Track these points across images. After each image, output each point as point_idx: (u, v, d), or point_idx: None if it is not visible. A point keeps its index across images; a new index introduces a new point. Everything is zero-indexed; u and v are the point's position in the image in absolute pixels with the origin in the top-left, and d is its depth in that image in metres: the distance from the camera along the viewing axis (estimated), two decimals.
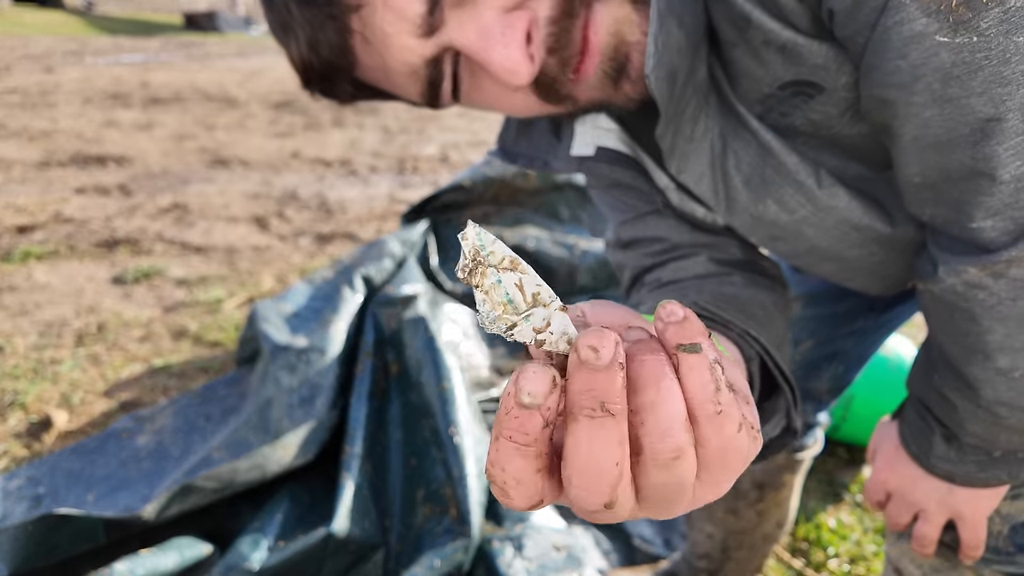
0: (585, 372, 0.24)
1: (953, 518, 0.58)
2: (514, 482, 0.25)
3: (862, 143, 0.47)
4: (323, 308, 1.54)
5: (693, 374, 0.25)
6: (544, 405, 0.24)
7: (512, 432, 0.24)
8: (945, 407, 0.52)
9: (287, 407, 1.28)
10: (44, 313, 1.91)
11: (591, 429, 0.24)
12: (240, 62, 8.91)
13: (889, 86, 0.38)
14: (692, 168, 0.51)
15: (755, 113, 0.48)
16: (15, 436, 1.42)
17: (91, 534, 0.98)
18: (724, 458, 0.26)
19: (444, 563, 0.97)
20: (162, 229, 2.60)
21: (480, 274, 0.25)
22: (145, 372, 1.65)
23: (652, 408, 0.25)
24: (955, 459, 0.53)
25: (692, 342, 0.25)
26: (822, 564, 1.17)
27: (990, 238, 0.41)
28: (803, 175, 0.48)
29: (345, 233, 2.64)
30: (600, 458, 0.24)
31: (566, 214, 2.16)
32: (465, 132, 4.67)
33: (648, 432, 0.25)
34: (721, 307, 0.47)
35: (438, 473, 1.12)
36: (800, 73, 0.43)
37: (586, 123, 0.55)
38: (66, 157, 3.63)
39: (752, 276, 0.57)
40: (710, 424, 0.25)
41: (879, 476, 0.61)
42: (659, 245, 0.60)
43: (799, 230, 0.51)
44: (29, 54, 9.03)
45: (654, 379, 0.25)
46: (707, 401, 0.25)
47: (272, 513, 1.07)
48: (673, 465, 0.25)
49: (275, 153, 3.92)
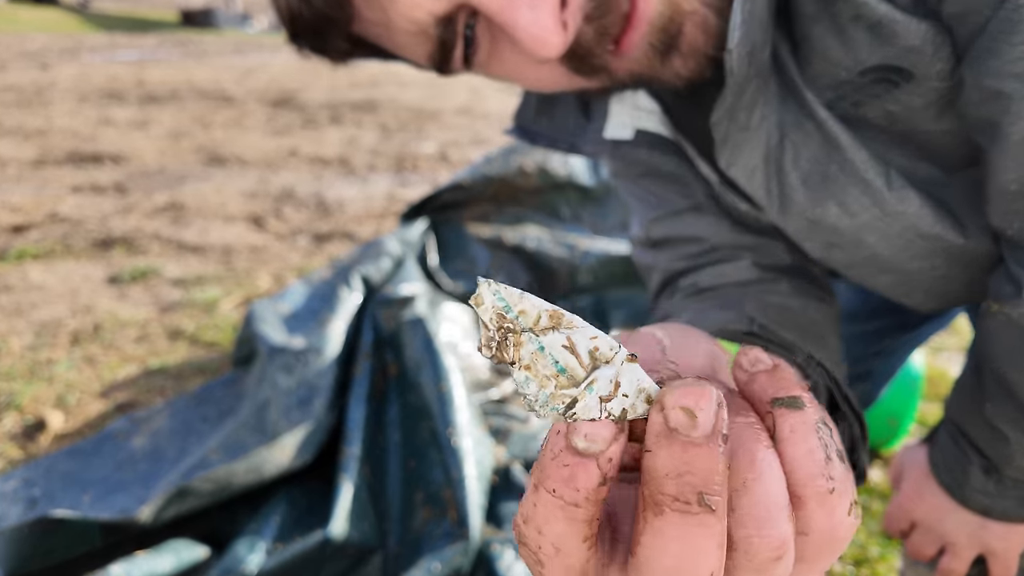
0: (677, 447, 0.17)
1: (984, 553, 0.54)
2: (552, 550, 0.19)
3: (941, 141, 0.41)
4: (321, 308, 1.54)
5: (796, 439, 0.19)
6: (606, 455, 0.18)
7: (558, 485, 0.18)
8: (994, 439, 0.48)
9: (284, 408, 1.27)
10: (39, 313, 1.89)
11: (684, 528, 0.18)
12: (237, 59, 8.88)
13: (1009, 76, 0.33)
14: (744, 161, 0.44)
15: (823, 101, 0.42)
16: (10, 437, 1.41)
17: (87, 537, 0.98)
18: (831, 547, 0.20)
19: (443, 566, 0.97)
20: (158, 228, 2.59)
21: (513, 345, 0.19)
22: (141, 373, 1.64)
23: (747, 489, 0.19)
24: (994, 492, 0.49)
25: (791, 395, 0.20)
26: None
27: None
28: (872, 174, 0.42)
29: (343, 232, 2.63)
30: (693, 568, 0.18)
31: (567, 213, 2.16)
32: (465, 130, 4.65)
33: (741, 522, 0.19)
34: (783, 324, 0.41)
35: (437, 475, 1.11)
36: (888, 56, 0.37)
37: (624, 102, 0.48)
38: (61, 155, 3.61)
39: (800, 284, 0.51)
40: (821, 507, 0.19)
41: (905, 504, 0.56)
42: (696, 246, 0.53)
43: (859, 237, 0.45)
44: (24, 51, 8.98)
45: (747, 450, 0.19)
46: (817, 476, 0.19)
47: (269, 516, 1.07)
48: (772, 568, 0.19)
49: (272, 151, 3.90)
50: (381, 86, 6.51)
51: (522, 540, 0.20)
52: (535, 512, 0.19)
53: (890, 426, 1.32)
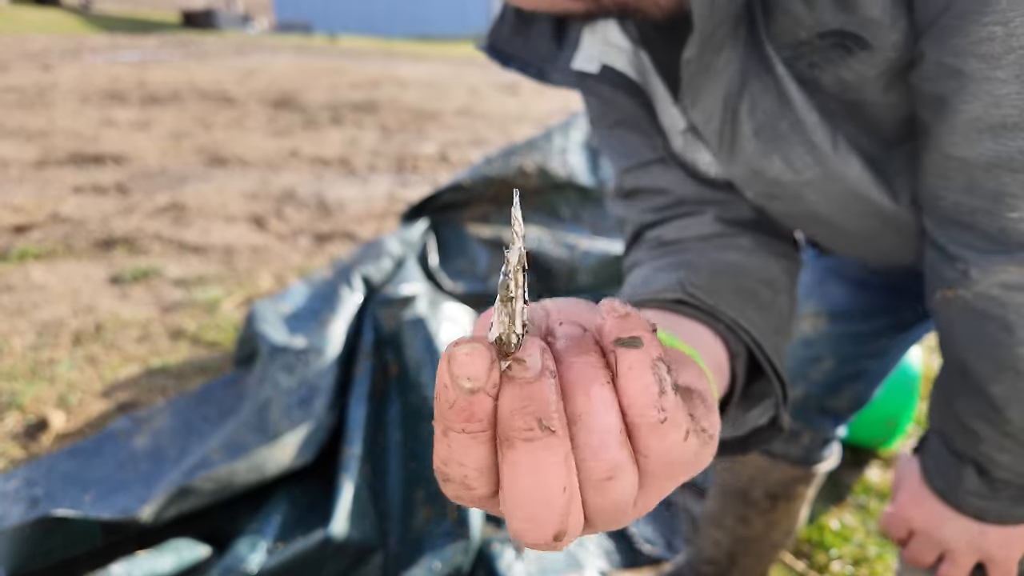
0: (516, 387, 0.21)
1: (983, 560, 0.53)
2: (476, 472, 0.23)
3: (886, 114, 0.42)
4: (322, 308, 1.54)
5: (632, 375, 0.22)
6: (489, 383, 0.21)
7: (463, 423, 0.22)
8: (968, 437, 0.48)
9: (285, 408, 1.27)
10: (41, 313, 1.90)
11: (531, 452, 0.21)
12: (238, 60, 8.89)
13: (971, 55, 0.33)
14: (703, 104, 0.45)
15: (782, 58, 0.43)
16: (12, 437, 1.41)
17: (88, 536, 0.98)
18: (669, 469, 0.23)
19: (444, 565, 0.97)
20: (159, 228, 2.59)
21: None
22: (142, 373, 1.65)
23: (582, 420, 0.22)
24: (987, 495, 0.49)
25: (632, 335, 0.22)
26: (825, 566, 1.16)
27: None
28: (820, 137, 0.44)
29: (344, 233, 2.63)
30: (546, 485, 0.21)
31: (567, 213, 2.16)
32: (465, 131, 4.66)
33: (579, 448, 0.22)
34: (714, 288, 0.42)
35: None
36: (848, 23, 0.38)
37: (596, 33, 0.48)
38: (63, 156, 3.62)
39: (761, 238, 0.51)
40: (653, 433, 0.22)
41: (902, 513, 0.56)
42: (662, 198, 0.54)
43: (800, 193, 0.47)
44: (26, 52, 9.00)
45: (582, 385, 0.22)
46: (648, 406, 0.22)
47: (270, 515, 1.07)
48: (608, 486, 0.22)
49: (273, 152, 3.91)
50: (381, 87, 6.51)
51: (447, 479, 0.24)
52: (451, 451, 0.22)
53: (887, 426, 1.32)
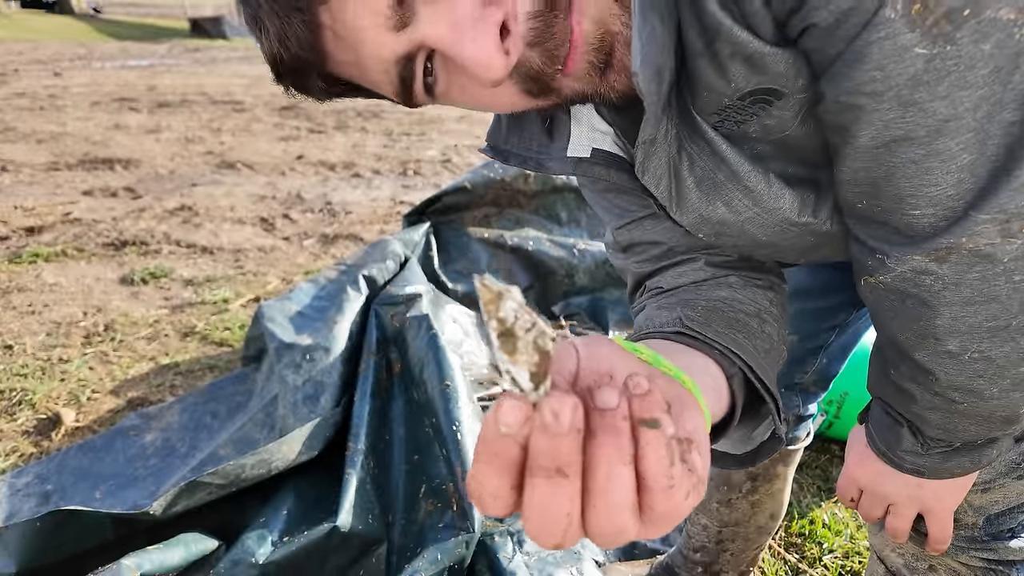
0: (548, 436, 0.26)
1: (922, 511, 0.60)
2: (491, 498, 0.29)
3: (807, 142, 0.48)
4: (327, 308, 1.56)
5: (649, 450, 0.28)
6: (519, 435, 0.27)
7: (491, 457, 0.28)
8: (904, 399, 0.54)
9: (292, 404, 1.30)
10: (53, 313, 1.93)
11: (547, 486, 0.27)
12: (246, 67, 8.96)
13: (860, 94, 0.39)
14: (653, 170, 0.51)
15: (711, 123, 0.49)
16: (24, 434, 1.44)
17: (99, 530, 0.99)
18: (668, 519, 0.29)
19: (446, 557, 0.99)
20: (169, 230, 2.63)
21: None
22: (152, 371, 1.68)
23: (603, 493, 0.28)
24: (921, 452, 0.56)
25: (652, 417, 0.28)
26: (816, 559, 1.18)
27: (928, 223, 0.43)
28: (753, 181, 0.50)
29: (349, 234, 2.66)
30: (553, 511, 0.27)
31: (565, 216, 2.18)
32: (466, 135, 4.69)
33: (595, 507, 0.28)
34: (708, 320, 0.50)
35: (440, 469, 1.13)
36: (762, 82, 0.44)
37: (582, 124, 0.55)
38: (74, 160, 3.67)
39: (748, 276, 0.59)
40: (661, 495, 0.28)
41: (850, 473, 0.64)
42: (656, 249, 0.61)
43: (743, 228, 0.54)
44: (37, 58, 9.11)
45: (606, 466, 0.28)
46: (660, 475, 0.28)
47: (277, 509, 1.09)
48: (614, 539, 0.29)
49: (280, 156, 3.95)
50: None
51: (471, 491, 0.30)
52: (479, 472, 0.29)
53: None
